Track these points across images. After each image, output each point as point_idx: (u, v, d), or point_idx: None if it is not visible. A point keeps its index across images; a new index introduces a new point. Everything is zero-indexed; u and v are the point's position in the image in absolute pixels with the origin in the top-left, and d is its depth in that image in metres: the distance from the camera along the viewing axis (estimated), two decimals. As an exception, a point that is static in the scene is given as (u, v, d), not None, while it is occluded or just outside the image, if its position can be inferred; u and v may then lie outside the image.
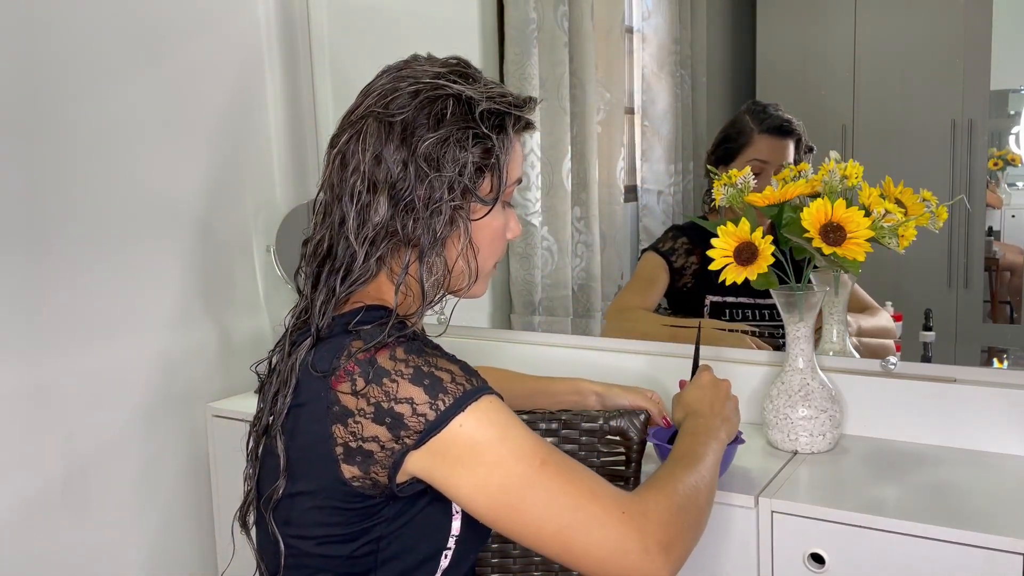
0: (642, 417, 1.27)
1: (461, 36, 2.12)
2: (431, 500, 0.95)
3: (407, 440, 0.88)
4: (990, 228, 1.74)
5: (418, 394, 0.88)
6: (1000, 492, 1.24)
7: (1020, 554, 1.08)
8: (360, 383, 0.89)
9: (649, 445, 1.33)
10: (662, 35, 2.14)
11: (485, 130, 0.96)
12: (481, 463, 0.88)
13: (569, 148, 2.05)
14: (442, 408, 0.88)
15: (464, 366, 0.94)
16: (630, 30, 2.16)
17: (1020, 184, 1.75)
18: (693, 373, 1.33)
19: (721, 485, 1.29)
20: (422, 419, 0.88)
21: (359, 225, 0.95)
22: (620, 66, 2.15)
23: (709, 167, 1.73)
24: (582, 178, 2.10)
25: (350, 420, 0.89)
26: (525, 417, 1.30)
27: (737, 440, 1.32)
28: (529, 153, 2.04)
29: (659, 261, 1.84)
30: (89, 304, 1.52)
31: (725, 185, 1.40)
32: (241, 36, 1.82)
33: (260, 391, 1.05)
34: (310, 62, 1.98)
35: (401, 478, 0.91)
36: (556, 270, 2.10)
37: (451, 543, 0.97)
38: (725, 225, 1.31)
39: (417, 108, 0.95)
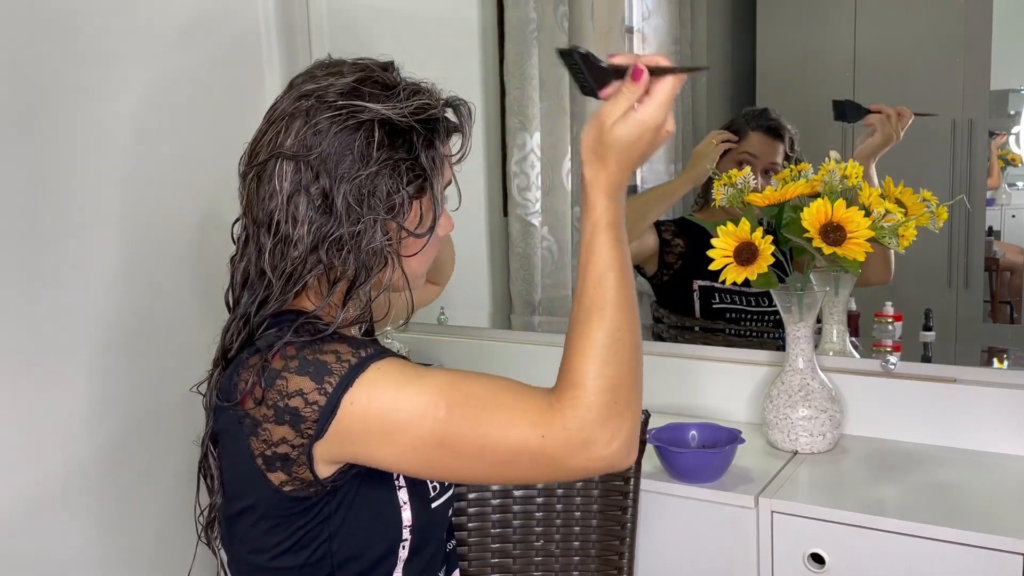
0: (642, 417, 1.27)
1: (461, 36, 2.12)
2: (371, 488, 0.93)
3: (308, 432, 0.86)
4: (990, 228, 1.74)
5: (306, 383, 0.86)
6: (1000, 492, 1.24)
7: (1020, 554, 1.08)
8: (259, 392, 0.88)
9: (649, 446, 1.33)
10: (662, 35, 2.14)
11: (414, 159, 0.91)
12: (390, 431, 0.85)
13: (569, 148, 2.05)
14: (330, 391, 0.85)
15: (354, 341, 0.90)
16: (630, 30, 2.15)
17: (1020, 184, 1.75)
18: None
19: (721, 485, 1.29)
20: (315, 407, 0.86)
21: (279, 258, 0.92)
22: (620, 66, 2.15)
23: (709, 166, 1.74)
24: (582, 178, 2.10)
25: (259, 429, 0.88)
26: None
27: (737, 440, 1.32)
28: (529, 153, 2.05)
29: (651, 227, 1.91)
30: (89, 303, 1.51)
31: (725, 185, 1.41)
32: (241, 36, 1.82)
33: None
34: (310, 62, 1.98)
35: (323, 470, 0.89)
36: (556, 270, 2.10)
37: (406, 534, 0.95)
38: (722, 224, 1.31)
39: (335, 138, 0.89)
